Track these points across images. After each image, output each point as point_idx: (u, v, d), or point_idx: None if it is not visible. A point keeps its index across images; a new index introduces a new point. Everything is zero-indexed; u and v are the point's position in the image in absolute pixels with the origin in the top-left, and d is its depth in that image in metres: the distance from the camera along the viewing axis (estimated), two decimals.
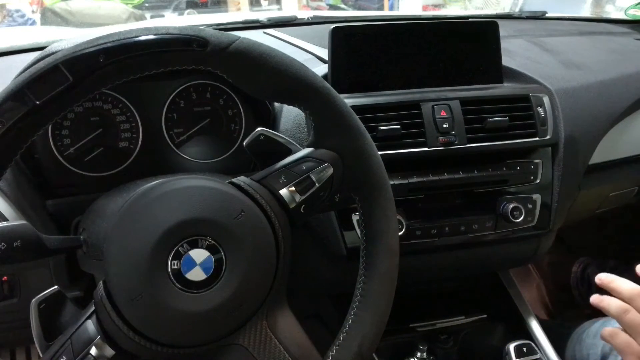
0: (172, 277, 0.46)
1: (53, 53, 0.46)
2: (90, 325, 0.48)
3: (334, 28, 0.76)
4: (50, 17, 2.82)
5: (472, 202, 0.80)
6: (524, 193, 0.81)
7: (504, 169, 0.79)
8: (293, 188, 0.52)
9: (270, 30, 1.03)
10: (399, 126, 0.73)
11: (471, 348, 0.91)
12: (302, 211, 0.53)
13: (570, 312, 1.42)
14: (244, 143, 0.57)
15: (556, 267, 1.48)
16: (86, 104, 0.74)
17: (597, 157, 0.92)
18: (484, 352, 0.92)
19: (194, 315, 0.46)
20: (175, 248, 0.46)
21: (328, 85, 0.52)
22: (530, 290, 1.49)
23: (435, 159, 0.76)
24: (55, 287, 0.52)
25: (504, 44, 0.84)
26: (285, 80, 0.49)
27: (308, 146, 0.54)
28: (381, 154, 0.56)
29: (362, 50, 0.78)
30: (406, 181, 0.75)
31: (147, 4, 3.86)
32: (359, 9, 4.35)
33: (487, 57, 0.84)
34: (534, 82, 0.85)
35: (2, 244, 0.47)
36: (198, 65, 0.47)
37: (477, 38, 0.82)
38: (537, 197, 0.81)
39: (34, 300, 0.51)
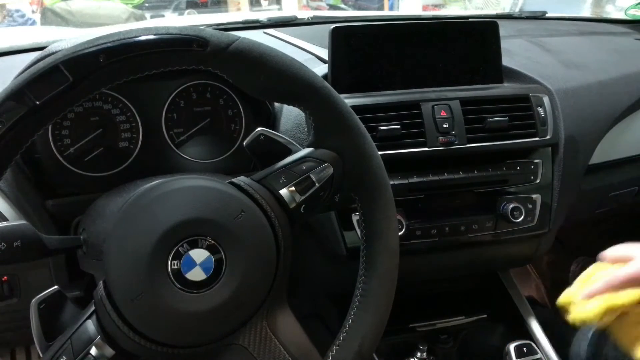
0: (172, 277, 0.46)
1: (53, 53, 0.46)
2: (90, 325, 0.48)
3: (334, 28, 0.76)
4: (50, 17, 2.81)
5: (472, 202, 0.80)
6: (524, 193, 0.81)
7: (504, 169, 0.79)
8: (293, 188, 0.52)
9: (270, 30, 1.03)
10: (399, 126, 0.73)
11: (471, 348, 0.91)
12: (302, 211, 0.53)
13: None
14: (244, 143, 0.57)
15: (555, 266, 1.48)
16: (86, 104, 0.74)
17: (597, 157, 0.92)
18: (484, 352, 0.92)
19: (194, 315, 0.46)
20: (175, 248, 0.46)
21: (328, 85, 0.52)
22: (529, 290, 1.49)
23: (436, 159, 0.76)
24: (55, 287, 0.52)
25: (504, 44, 0.84)
26: (285, 80, 0.49)
27: (308, 146, 0.54)
28: (381, 154, 0.56)
29: (362, 50, 0.78)
30: (406, 181, 0.75)
31: (147, 4, 3.86)
32: (359, 9, 4.34)
33: (487, 57, 0.84)
34: (534, 82, 0.85)
35: (2, 244, 0.47)
36: (198, 65, 0.47)
37: (477, 38, 0.82)
38: (537, 197, 0.81)
39: (34, 300, 0.51)
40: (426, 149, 0.74)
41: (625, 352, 0.62)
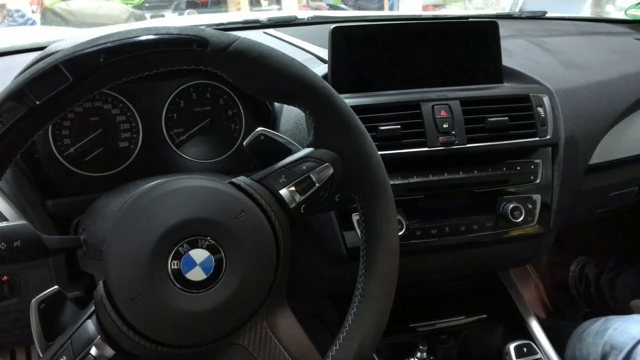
0: (172, 277, 0.46)
1: (53, 53, 0.46)
2: (90, 325, 0.48)
3: (334, 28, 0.76)
4: (50, 17, 2.81)
5: (472, 202, 0.80)
6: (524, 193, 0.81)
7: (504, 169, 0.79)
8: (293, 188, 0.52)
9: (270, 30, 1.03)
10: (399, 126, 0.73)
11: (471, 348, 0.91)
12: (302, 211, 0.53)
13: (569, 311, 1.42)
14: (244, 143, 0.57)
15: (554, 266, 1.48)
16: (86, 104, 0.74)
17: (597, 157, 0.92)
18: (484, 352, 0.92)
19: (194, 315, 0.46)
20: (175, 248, 0.46)
21: (328, 85, 0.52)
22: (528, 290, 1.49)
23: (436, 159, 0.76)
24: (55, 287, 0.52)
25: (504, 44, 0.84)
26: (285, 80, 0.49)
27: (308, 146, 0.54)
28: (381, 154, 0.56)
29: (362, 50, 0.78)
30: (406, 181, 0.75)
31: (147, 4, 3.86)
32: (359, 9, 4.34)
33: (487, 57, 0.84)
34: (534, 82, 0.85)
35: (2, 244, 0.47)
36: (198, 65, 0.47)
37: (477, 38, 0.82)
38: (537, 197, 0.81)
39: (34, 300, 0.51)
40: (426, 149, 0.74)
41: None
